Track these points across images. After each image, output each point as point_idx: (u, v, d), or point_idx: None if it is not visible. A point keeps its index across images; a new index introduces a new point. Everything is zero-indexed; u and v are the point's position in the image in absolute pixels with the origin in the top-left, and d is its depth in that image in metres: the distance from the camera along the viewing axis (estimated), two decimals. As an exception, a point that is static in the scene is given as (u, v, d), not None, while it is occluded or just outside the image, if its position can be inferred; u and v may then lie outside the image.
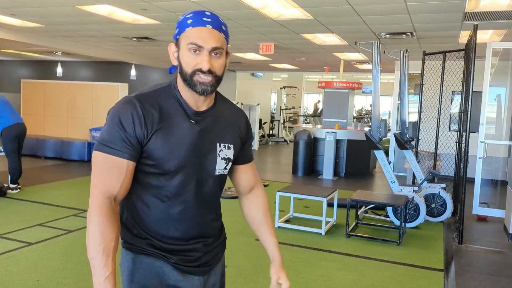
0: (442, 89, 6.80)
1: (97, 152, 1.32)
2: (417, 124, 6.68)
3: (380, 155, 5.62)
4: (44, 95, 10.35)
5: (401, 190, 5.60)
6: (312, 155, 9.25)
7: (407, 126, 6.01)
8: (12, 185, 6.34)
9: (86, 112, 9.91)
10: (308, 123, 18.64)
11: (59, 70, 13.38)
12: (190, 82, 1.33)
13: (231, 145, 1.47)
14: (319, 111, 19.49)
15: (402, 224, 4.88)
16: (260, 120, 14.73)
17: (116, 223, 1.30)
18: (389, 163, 5.71)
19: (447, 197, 5.63)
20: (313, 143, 9.21)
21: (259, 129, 14.60)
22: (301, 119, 19.25)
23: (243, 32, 7.42)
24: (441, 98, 6.82)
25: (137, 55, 11.72)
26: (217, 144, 1.43)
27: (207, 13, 1.33)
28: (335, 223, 5.44)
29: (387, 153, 9.36)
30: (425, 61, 6.96)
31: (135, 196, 1.39)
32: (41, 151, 9.72)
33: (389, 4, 5.15)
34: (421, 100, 7.03)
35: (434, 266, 4.18)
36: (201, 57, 1.30)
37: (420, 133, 6.99)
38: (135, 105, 1.31)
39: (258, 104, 13.78)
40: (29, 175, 7.49)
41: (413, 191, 5.56)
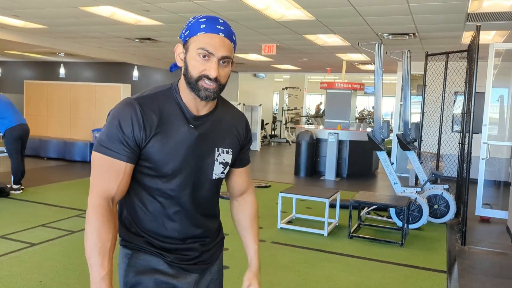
0: (444, 90, 6.79)
1: (96, 153, 1.33)
2: (419, 125, 6.67)
3: (383, 156, 5.62)
4: (47, 96, 10.38)
5: (404, 191, 5.59)
6: (314, 156, 9.24)
7: (409, 127, 6.00)
8: (15, 186, 6.36)
9: (88, 113, 9.93)
10: (310, 124, 18.64)
11: (61, 71, 13.41)
12: (194, 86, 1.33)
13: (229, 149, 1.48)
14: (321, 112, 19.49)
15: (405, 225, 4.87)
16: (262, 121, 14.73)
17: (113, 223, 1.32)
18: (392, 164, 5.70)
19: (450, 198, 5.61)
20: (315, 144, 9.20)
21: (261, 130, 14.60)
22: (303, 120, 19.24)
23: (245, 33, 7.42)
24: (443, 99, 6.81)
25: (139, 56, 11.74)
26: (215, 149, 1.44)
27: (220, 20, 1.34)
28: (337, 224, 5.44)
29: (389, 154, 9.35)
30: (427, 62, 6.95)
31: (133, 195, 1.41)
32: (43, 151, 9.75)
33: (391, 5, 5.15)
34: (423, 101, 7.02)
35: (437, 268, 4.17)
36: (210, 64, 1.30)
37: (422, 134, 6.98)
38: (134, 108, 1.32)
39: (260, 105, 13.79)
40: (32, 176, 7.50)
41: (416, 192, 5.55)
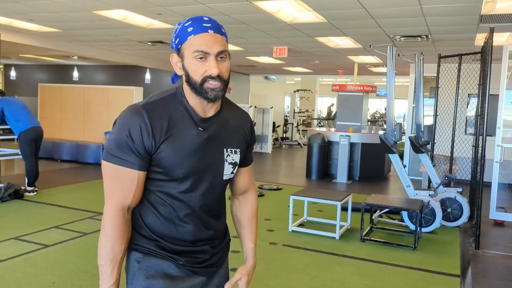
0: (458, 92, 6.73)
1: (107, 162, 1.33)
2: (432, 128, 6.61)
3: (395, 158, 5.58)
4: (61, 99, 10.50)
5: (417, 194, 5.54)
6: (326, 158, 9.21)
7: (422, 129, 5.95)
8: (29, 188, 6.44)
9: (101, 115, 10.02)
10: (322, 126, 18.59)
11: (75, 74, 13.57)
12: (200, 90, 1.32)
13: (237, 149, 1.49)
14: (333, 114, 19.42)
15: (418, 229, 4.83)
16: (274, 123, 14.72)
17: (127, 234, 1.36)
18: (404, 167, 5.66)
19: (464, 202, 5.55)
20: (327, 147, 9.17)
21: (273, 132, 14.59)
22: (315, 122, 19.19)
23: (257, 36, 7.43)
24: (457, 101, 6.74)
25: (151, 59, 11.83)
26: (224, 150, 1.44)
27: (205, 18, 1.33)
28: (349, 227, 5.41)
29: (402, 156, 9.27)
30: (440, 64, 6.89)
31: (145, 200, 1.41)
32: (57, 154, 9.86)
33: (404, 7, 5.12)
34: (436, 103, 6.96)
35: (450, 272, 4.12)
36: (209, 63, 1.30)
37: (435, 136, 6.92)
38: (142, 115, 1.31)
39: (272, 108, 13.79)
40: (46, 178, 7.59)
41: (429, 195, 5.50)
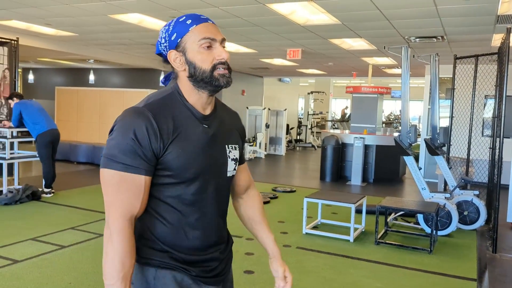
0: (474, 94, 6.64)
1: (109, 170, 1.22)
2: (448, 130, 6.54)
3: (410, 161, 5.53)
4: (77, 102, 10.65)
5: (432, 197, 5.48)
6: (340, 160, 9.17)
7: (438, 131, 5.89)
8: (46, 189, 6.54)
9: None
10: (336, 128, 18.51)
11: (91, 77, 13.74)
12: (211, 79, 1.30)
13: (236, 145, 1.48)
14: (347, 116, 19.33)
15: (433, 232, 4.77)
16: (287, 125, 14.71)
17: (134, 247, 1.26)
18: (420, 169, 5.61)
19: (480, 205, 5.47)
20: (341, 149, 9.13)
21: (286, 134, 14.58)
22: (329, 124, 19.12)
23: (270, 38, 7.45)
24: (473, 103, 6.66)
25: (166, 62, 11.91)
26: (226, 146, 1.43)
27: (198, 13, 1.36)
28: (363, 230, 5.37)
29: (417, 159, 9.19)
30: (456, 65, 6.82)
31: (150, 209, 1.32)
32: (73, 156, 9.99)
33: (418, 8, 5.08)
34: (452, 105, 6.88)
35: (467, 276, 4.07)
36: (216, 50, 1.30)
37: (451, 138, 6.84)
38: (147, 117, 1.24)
39: (286, 109, 13.79)
40: (62, 180, 7.69)
41: (445, 198, 5.44)
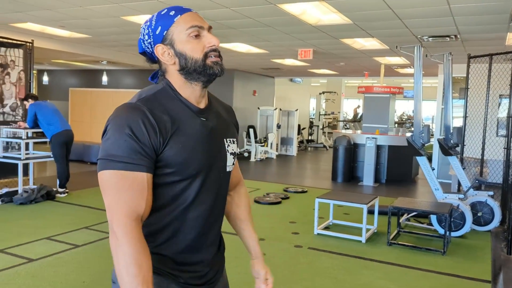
0: (488, 93, 6.56)
1: (107, 171, 1.15)
2: (462, 130, 6.47)
3: (423, 161, 5.48)
4: (91, 103, 10.77)
5: (446, 197, 5.43)
6: (352, 161, 9.13)
7: (451, 131, 5.83)
8: (60, 189, 6.62)
9: (129, 119, 10.20)
10: (348, 128, 18.41)
11: (104, 78, 13.87)
12: (204, 68, 1.26)
13: (234, 139, 1.42)
14: (359, 116, 19.23)
15: (447, 233, 4.73)
16: (299, 126, 14.68)
17: (147, 248, 1.17)
18: (433, 169, 5.56)
19: (495, 205, 5.40)
20: (353, 149, 9.08)
21: (298, 134, 14.55)
22: (341, 124, 19.04)
23: (281, 38, 7.44)
24: (487, 102, 6.58)
25: (178, 63, 11.97)
26: (224, 140, 1.37)
27: (179, 5, 1.33)
28: (376, 230, 5.34)
29: (430, 159, 9.10)
30: (470, 64, 6.74)
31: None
32: (87, 156, 10.10)
33: (431, 7, 5.04)
34: (466, 105, 6.80)
35: (481, 277, 4.02)
36: (205, 38, 1.27)
37: (465, 138, 6.76)
38: (143, 111, 1.18)
39: (297, 110, 13.76)
40: (76, 180, 7.78)
41: (459, 198, 5.38)
